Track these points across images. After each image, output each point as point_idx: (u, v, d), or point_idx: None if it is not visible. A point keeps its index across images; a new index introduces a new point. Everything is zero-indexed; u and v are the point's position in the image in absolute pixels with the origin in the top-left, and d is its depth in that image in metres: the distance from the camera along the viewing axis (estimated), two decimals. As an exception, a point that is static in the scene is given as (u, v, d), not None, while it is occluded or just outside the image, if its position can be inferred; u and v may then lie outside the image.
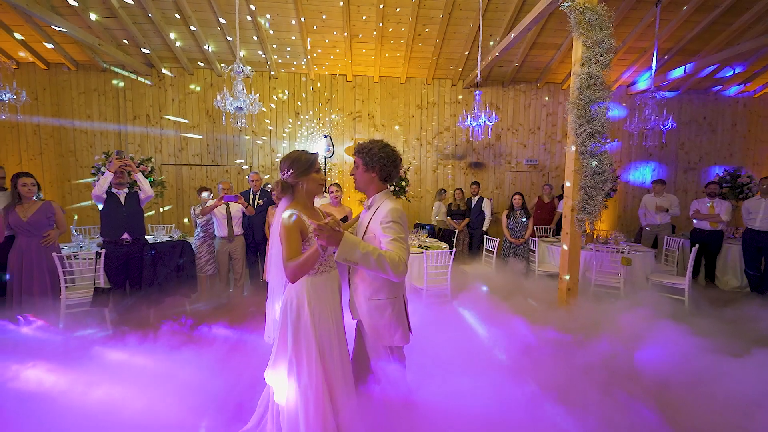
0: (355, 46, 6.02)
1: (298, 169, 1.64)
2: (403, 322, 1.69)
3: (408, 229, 1.67)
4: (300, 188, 1.67)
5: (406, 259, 1.49)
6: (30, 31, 5.47)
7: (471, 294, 3.78)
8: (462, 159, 7.10)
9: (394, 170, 1.69)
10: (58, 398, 2.09)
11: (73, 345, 2.86)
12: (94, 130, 6.33)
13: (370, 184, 1.70)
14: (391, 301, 1.65)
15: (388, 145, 1.69)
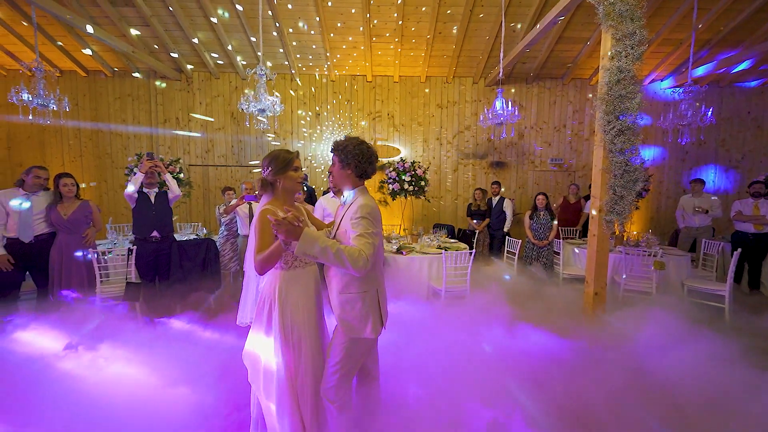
0: (375, 47, 6.03)
1: (276, 167, 1.71)
2: (376, 315, 1.69)
3: (380, 225, 1.68)
4: (278, 186, 1.73)
5: (368, 254, 1.50)
6: (72, 41, 5.84)
7: (491, 297, 3.70)
8: (483, 158, 6.97)
9: (369, 167, 1.71)
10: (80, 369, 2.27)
11: (104, 329, 3.01)
12: (128, 133, 6.68)
13: (346, 181, 1.73)
14: (361, 295, 1.66)
15: (363, 142, 1.71)
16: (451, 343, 2.69)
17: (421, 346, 2.64)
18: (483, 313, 3.24)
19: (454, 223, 6.77)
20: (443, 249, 4.20)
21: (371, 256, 1.50)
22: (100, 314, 3.11)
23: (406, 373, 2.34)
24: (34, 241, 3.29)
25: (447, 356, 2.51)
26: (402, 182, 5.01)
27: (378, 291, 1.72)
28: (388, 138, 6.86)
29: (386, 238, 4.88)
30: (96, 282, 3.42)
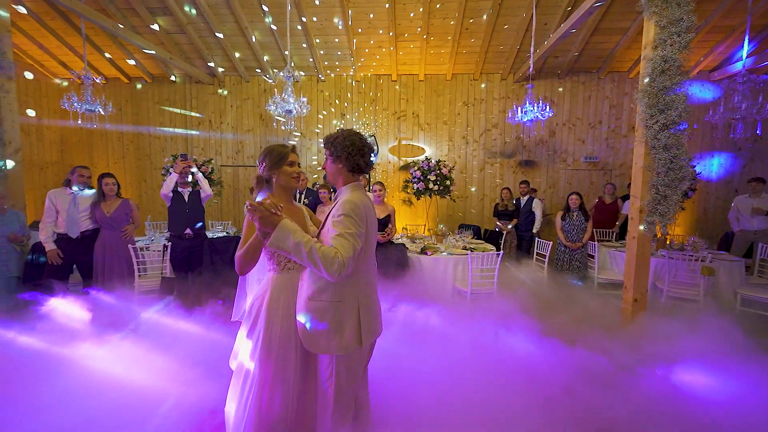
0: (401, 45, 5.99)
1: (270, 162, 1.62)
2: (351, 330, 1.49)
3: (368, 224, 1.49)
4: (273, 182, 1.66)
5: (345, 257, 1.32)
6: (116, 50, 6.24)
7: (518, 300, 3.55)
8: (511, 157, 6.74)
9: (361, 160, 1.56)
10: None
11: (139, 317, 3.18)
12: (165, 135, 7.05)
13: (338, 176, 1.59)
14: (333, 305, 1.48)
15: (355, 133, 1.58)
16: (472, 352, 2.56)
17: (439, 354, 2.50)
18: (509, 319, 3.09)
19: (480, 223, 6.60)
20: (469, 250, 4.10)
21: (349, 259, 1.34)
22: (137, 305, 3.28)
23: (414, 387, 2.17)
24: (80, 236, 3.52)
25: (464, 367, 2.36)
26: (427, 181, 4.93)
27: (360, 301, 1.52)
28: (413, 137, 6.80)
29: (410, 237, 4.82)
30: (135, 275, 3.62)
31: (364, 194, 1.56)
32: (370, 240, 1.55)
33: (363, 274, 1.54)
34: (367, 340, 1.54)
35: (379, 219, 3.71)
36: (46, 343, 2.56)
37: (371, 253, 1.60)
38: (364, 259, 1.52)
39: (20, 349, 2.53)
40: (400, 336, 2.71)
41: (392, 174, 6.85)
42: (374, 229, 1.61)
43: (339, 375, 1.51)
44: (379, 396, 2.03)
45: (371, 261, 1.61)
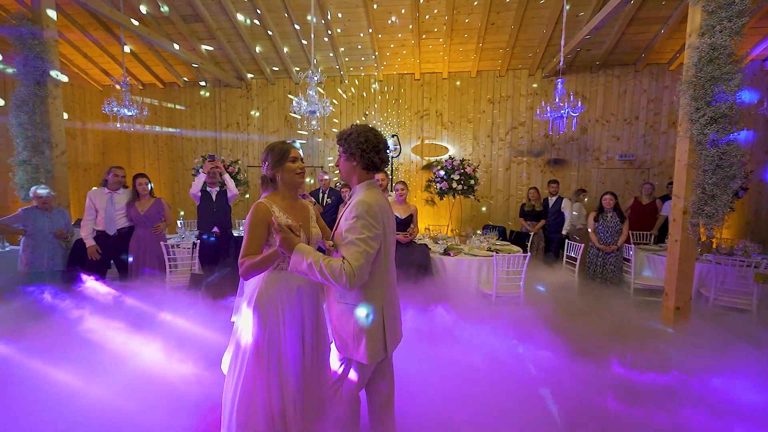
0: (424, 43, 5.91)
1: (272, 159, 1.59)
2: (375, 337, 1.41)
3: (385, 225, 1.41)
4: (278, 180, 1.61)
5: (355, 266, 1.27)
6: (152, 57, 6.57)
7: (547, 305, 3.39)
8: (539, 156, 6.48)
9: (376, 157, 1.48)
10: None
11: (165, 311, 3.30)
12: (196, 137, 7.34)
13: (352, 174, 1.52)
14: (358, 305, 1.42)
15: (369, 129, 1.50)
16: (493, 361, 2.41)
17: (458, 362, 2.38)
18: (536, 326, 2.93)
19: (506, 224, 6.39)
20: (494, 251, 3.96)
21: (360, 267, 1.28)
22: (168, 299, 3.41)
23: (429, 397, 2.07)
24: (116, 233, 3.72)
25: (484, 378, 2.22)
26: (450, 181, 4.83)
27: (384, 308, 1.45)
28: (436, 137, 6.70)
29: (433, 238, 4.74)
30: (166, 271, 3.78)
31: (379, 193, 1.49)
32: (388, 241, 1.47)
33: (383, 276, 1.46)
34: (391, 348, 1.48)
35: (401, 219, 3.67)
36: (84, 329, 2.72)
37: (390, 256, 1.52)
38: (383, 261, 1.45)
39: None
40: (419, 341, 2.62)
41: (415, 174, 6.77)
42: (392, 229, 1.54)
43: (350, 379, 1.47)
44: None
45: (391, 263, 1.53)
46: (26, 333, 2.68)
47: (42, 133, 3.82)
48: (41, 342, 2.55)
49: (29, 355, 2.41)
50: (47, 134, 3.84)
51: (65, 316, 3.00)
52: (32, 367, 2.30)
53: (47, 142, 3.86)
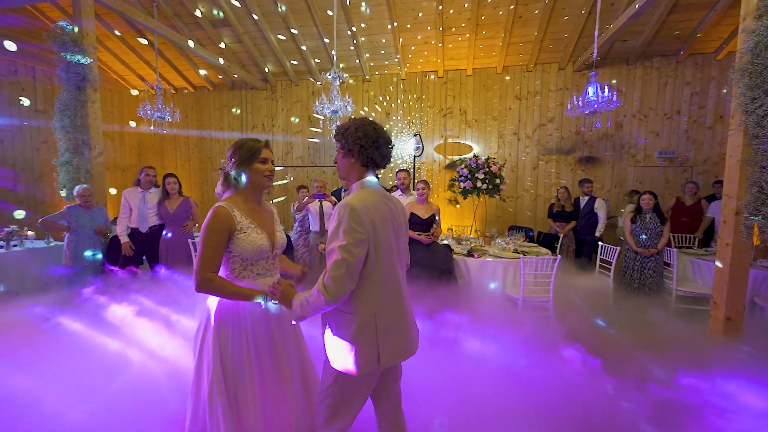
0: (448, 40, 5.79)
1: (240, 157, 1.44)
2: (367, 349, 1.29)
3: (378, 227, 1.28)
4: (243, 180, 1.47)
5: (333, 276, 1.19)
6: (183, 62, 6.84)
7: (579, 312, 3.18)
8: (569, 154, 6.18)
9: (376, 153, 1.35)
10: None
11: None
12: (224, 139, 7.57)
13: (350, 172, 1.39)
14: (348, 317, 1.31)
15: (369, 123, 1.37)
16: (516, 375, 2.21)
17: (476, 374, 2.21)
18: (566, 336, 2.73)
19: (533, 225, 6.14)
20: (521, 253, 3.79)
21: (337, 278, 1.19)
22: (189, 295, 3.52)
23: (444, 413, 1.91)
24: (148, 231, 3.87)
25: (505, 393, 2.04)
26: (475, 180, 4.67)
27: (378, 317, 1.30)
28: (460, 135, 6.54)
29: (456, 239, 4.61)
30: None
31: (372, 192, 1.35)
32: (383, 246, 1.30)
33: (378, 282, 1.30)
34: (389, 361, 1.32)
35: (423, 219, 3.58)
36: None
37: (391, 262, 1.34)
38: (377, 266, 1.29)
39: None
40: (435, 349, 2.49)
41: (437, 173, 6.65)
42: (396, 232, 1.38)
43: (338, 393, 1.34)
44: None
45: (391, 269, 1.35)
46: (69, 319, 2.85)
47: (82, 136, 4.05)
48: (90, 323, 2.74)
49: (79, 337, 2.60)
50: (86, 136, 4.06)
51: (101, 305, 3.16)
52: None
53: (86, 144, 4.08)
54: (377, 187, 1.39)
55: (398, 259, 1.39)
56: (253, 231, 1.44)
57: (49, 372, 2.18)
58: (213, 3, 5.42)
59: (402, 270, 1.43)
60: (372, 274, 1.29)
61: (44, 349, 2.44)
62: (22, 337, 2.60)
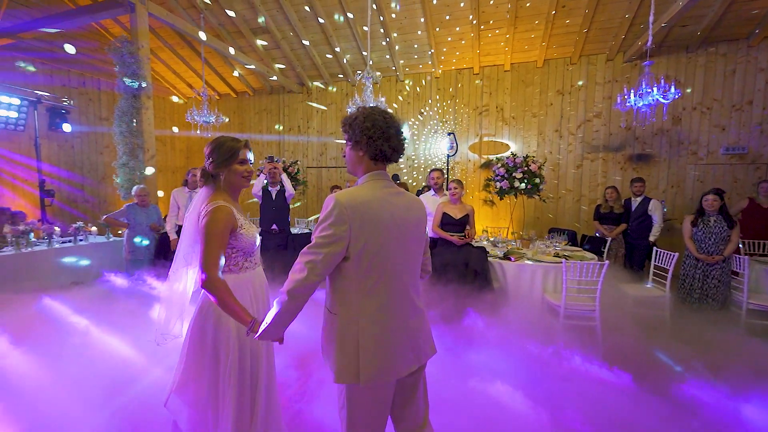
0: (484, 35, 5.60)
1: (218, 157, 1.44)
2: (348, 356, 1.17)
3: (373, 224, 1.17)
4: (220, 179, 1.47)
5: (294, 278, 1.13)
6: (227, 69, 7.22)
7: (629, 324, 2.90)
8: (618, 151, 5.72)
9: (385, 145, 1.22)
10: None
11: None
12: (263, 141, 7.89)
13: (358, 166, 1.27)
14: (331, 318, 1.22)
15: (379, 112, 1.24)
16: (555, 399, 1.98)
17: (507, 394, 2.02)
18: (614, 354, 2.46)
19: (576, 228, 5.76)
20: (562, 257, 3.55)
21: (299, 280, 1.13)
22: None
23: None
24: (193, 228, 4.11)
25: (541, 419, 1.84)
26: (512, 179, 4.46)
27: (360, 325, 1.18)
28: (496, 133, 6.30)
29: (492, 242, 4.43)
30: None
31: (375, 187, 1.22)
32: (375, 248, 1.17)
33: (367, 289, 1.19)
34: (368, 378, 1.17)
35: (456, 219, 3.47)
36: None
37: (389, 266, 1.21)
38: (364, 271, 1.18)
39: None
40: (468, 362, 2.33)
41: (472, 173, 6.45)
42: (396, 233, 1.22)
43: (351, 411, 1.23)
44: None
45: (390, 276, 1.21)
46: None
47: (137, 140, 4.39)
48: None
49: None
50: (141, 141, 4.40)
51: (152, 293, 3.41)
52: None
53: (141, 148, 4.42)
54: (385, 182, 1.26)
55: (404, 264, 1.25)
56: (248, 225, 1.50)
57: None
58: (254, 12, 5.67)
59: (410, 277, 1.28)
60: (357, 275, 1.18)
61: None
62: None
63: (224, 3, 5.59)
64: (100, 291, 3.71)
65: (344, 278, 1.20)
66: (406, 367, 1.24)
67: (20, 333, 2.55)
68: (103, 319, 2.86)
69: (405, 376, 1.25)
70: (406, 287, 1.27)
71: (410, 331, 1.26)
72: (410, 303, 1.27)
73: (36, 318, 2.93)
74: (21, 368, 2.22)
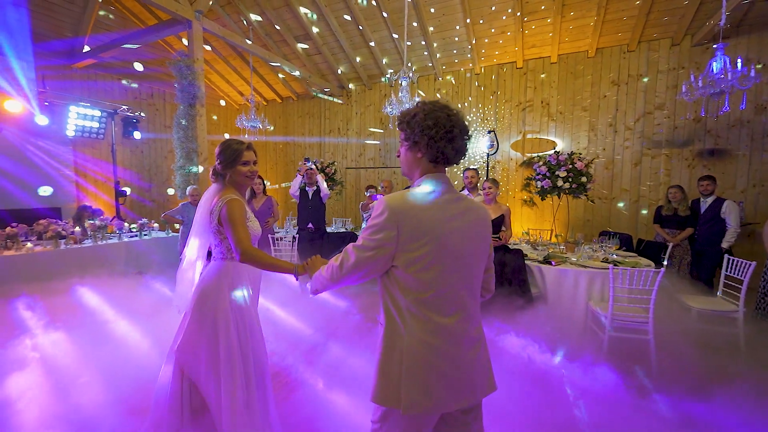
0: (527, 26, 5.31)
1: (225, 159, 1.59)
2: (390, 378, 1.06)
3: (420, 232, 1.07)
4: (227, 178, 1.63)
5: (344, 263, 1.11)
6: (273, 77, 7.64)
7: (689, 343, 2.55)
8: (685, 146, 5.10)
9: (449, 146, 1.09)
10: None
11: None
12: (305, 143, 8.24)
13: (415, 169, 1.17)
14: (383, 330, 1.11)
15: (441, 107, 1.11)
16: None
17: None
18: (668, 374, 2.15)
19: (632, 231, 5.23)
20: (611, 263, 3.25)
21: (340, 271, 1.13)
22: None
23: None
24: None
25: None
26: (555, 178, 4.16)
27: (404, 350, 1.07)
28: (541, 130, 5.94)
29: (532, 243, 4.19)
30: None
31: (429, 191, 1.10)
32: (424, 260, 1.06)
33: (418, 307, 1.07)
34: (409, 406, 1.04)
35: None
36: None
37: (441, 282, 1.08)
38: (411, 284, 1.07)
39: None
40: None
41: (514, 172, 6.15)
42: (455, 244, 1.09)
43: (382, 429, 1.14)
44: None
45: (444, 290, 1.08)
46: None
47: (192, 145, 4.81)
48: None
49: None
50: (195, 145, 4.81)
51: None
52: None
53: (195, 152, 4.84)
54: (445, 186, 1.13)
55: (462, 281, 1.12)
56: (254, 221, 1.67)
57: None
58: (298, 22, 5.93)
59: (468, 296, 1.14)
60: (405, 287, 1.08)
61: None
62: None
63: (271, 15, 5.93)
64: (157, 279, 4.13)
65: (392, 287, 1.10)
66: (455, 402, 1.09)
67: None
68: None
69: (454, 411, 1.12)
70: (464, 308, 1.13)
71: (464, 360, 1.11)
72: (467, 326, 1.12)
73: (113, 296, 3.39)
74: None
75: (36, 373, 2.13)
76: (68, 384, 2.06)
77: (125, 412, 1.88)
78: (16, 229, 3.73)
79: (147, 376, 2.09)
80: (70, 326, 2.71)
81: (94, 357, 2.34)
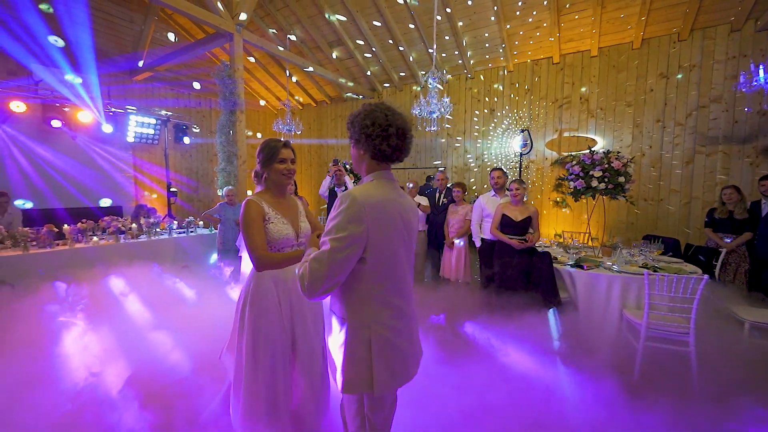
0: (564, 20, 5.08)
1: (263, 157, 1.62)
2: (360, 364, 1.13)
3: (380, 227, 1.12)
4: (268, 178, 1.65)
5: (313, 269, 1.06)
6: (308, 82, 7.96)
7: (737, 361, 2.32)
8: (746, 142, 4.60)
9: (384, 144, 1.16)
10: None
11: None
12: (338, 145, 8.48)
13: (361, 164, 1.26)
14: (347, 326, 1.15)
15: (382, 108, 1.19)
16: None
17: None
18: (711, 389, 1.96)
19: (682, 236, 4.82)
20: (650, 269, 3.05)
21: (316, 274, 1.06)
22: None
23: None
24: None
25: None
26: (588, 178, 3.94)
27: (372, 329, 1.14)
28: (579, 127, 5.64)
29: (564, 246, 4.01)
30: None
31: (384, 186, 1.19)
32: (385, 248, 1.14)
33: (383, 296, 1.16)
34: (383, 386, 1.13)
35: (516, 221, 3.25)
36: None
37: (396, 268, 1.18)
38: (374, 273, 1.14)
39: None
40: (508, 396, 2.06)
41: (549, 172, 5.89)
42: (402, 235, 1.20)
43: (369, 418, 1.21)
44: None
45: (397, 278, 1.19)
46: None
47: (233, 148, 5.17)
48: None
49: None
50: (235, 149, 5.17)
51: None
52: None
53: (235, 155, 5.20)
54: (391, 182, 1.25)
55: (409, 268, 1.27)
56: (279, 221, 1.61)
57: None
58: (331, 28, 6.15)
59: (411, 280, 1.29)
60: (372, 279, 1.14)
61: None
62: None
63: (306, 24, 6.21)
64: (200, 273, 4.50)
65: (358, 282, 1.15)
66: (414, 373, 1.25)
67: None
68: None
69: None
70: (410, 291, 1.27)
71: (415, 336, 1.29)
72: (413, 307, 1.29)
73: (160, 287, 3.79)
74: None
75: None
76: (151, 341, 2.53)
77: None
78: (86, 224, 4.26)
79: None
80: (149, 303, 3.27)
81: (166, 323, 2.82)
